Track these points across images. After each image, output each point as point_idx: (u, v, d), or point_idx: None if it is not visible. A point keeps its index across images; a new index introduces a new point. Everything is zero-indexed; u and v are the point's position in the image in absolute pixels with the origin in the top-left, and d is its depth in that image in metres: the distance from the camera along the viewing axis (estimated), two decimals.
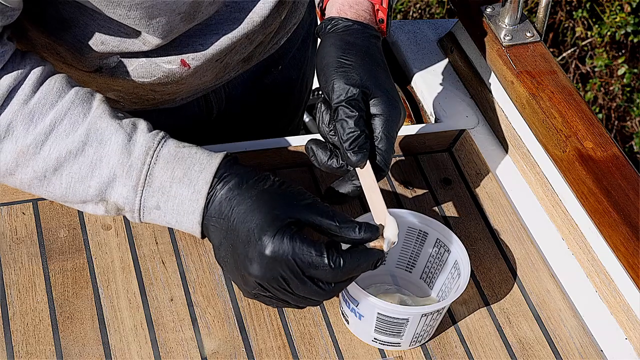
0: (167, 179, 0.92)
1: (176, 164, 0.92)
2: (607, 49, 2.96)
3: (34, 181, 0.94)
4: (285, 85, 1.32)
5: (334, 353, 0.99)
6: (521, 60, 1.22)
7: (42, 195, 0.97)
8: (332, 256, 0.87)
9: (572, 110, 1.15)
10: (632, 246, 1.02)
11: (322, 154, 0.95)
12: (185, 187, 0.92)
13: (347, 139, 0.92)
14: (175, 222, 0.93)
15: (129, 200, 0.93)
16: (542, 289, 1.08)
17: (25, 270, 1.03)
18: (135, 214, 0.94)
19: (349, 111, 0.92)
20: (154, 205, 0.93)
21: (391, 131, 0.94)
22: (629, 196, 1.06)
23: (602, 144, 1.11)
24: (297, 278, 0.87)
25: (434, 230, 1.03)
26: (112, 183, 0.93)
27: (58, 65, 1.07)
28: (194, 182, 0.91)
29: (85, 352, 0.96)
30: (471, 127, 1.27)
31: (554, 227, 1.16)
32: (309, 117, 2.44)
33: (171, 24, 0.98)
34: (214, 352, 0.98)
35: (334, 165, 0.95)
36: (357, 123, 0.92)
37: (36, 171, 0.93)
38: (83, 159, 0.93)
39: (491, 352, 1.01)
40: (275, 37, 1.20)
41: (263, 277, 0.88)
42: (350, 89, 0.93)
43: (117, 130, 0.93)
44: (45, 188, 0.95)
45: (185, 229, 0.93)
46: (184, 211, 0.92)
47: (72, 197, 0.95)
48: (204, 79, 1.13)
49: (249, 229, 0.88)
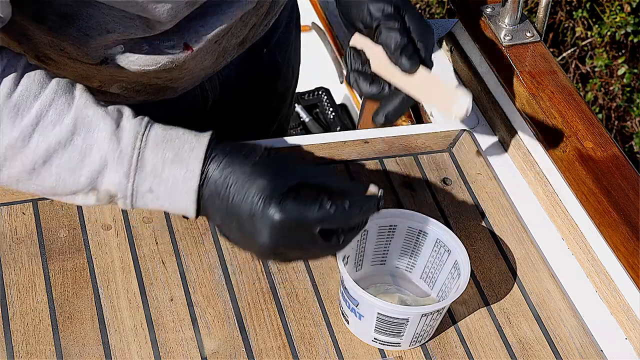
0: (158, 162, 0.92)
1: (166, 145, 0.92)
2: (607, 49, 2.96)
3: (22, 175, 0.93)
4: (271, 69, 1.34)
5: (334, 353, 0.99)
6: (521, 60, 1.22)
7: (29, 190, 0.95)
8: (336, 201, 0.89)
9: (572, 110, 1.15)
10: (632, 246, 1.02)
11: (363, 82, 1.02)
12: (177, 167, 0.91)
13: (397, 48, 1.00)
14: (168, 204, 0.93)
15: (121, 187, 0.92)
16: (542, 289, 1.08)
17: (25, 270, 1.03)
18: (128, 199, 0.93)
19: (391, 24, 1.01)
20: (146, 189, 0.92)
21: (429, 40, 1.04)
22: (629, 196, 1.06)
23: (602, 144, 1.11)
24: (309, 238, 0.90)
25: (434, 230, 1.03)
26: (103, 170, 0.92)
27: (62, 60, 1.07)
28: (186, 161, 0.91)
29: (85, 352, 0.96)
30: (471, 127, 1.27)
31: (554, 227, 1.16)
32: (309, 117, 2.44)
33: (176, 8, 0.99)
34: (214, 352, 0.98)
35: (374, 90, 1.02)
36: (401, 33, 1.01)
37: (25, 164, 0.92)
38: (72, 149, 0.92)
39: (491, 352, 1.01)
40: (266, 19, 1.23)
41: (276, 246, 0.89)
42: (386, 6, 1.02)
43: (104, 117, 0.92)
44: (34, 181, 0.93)
45: (179, 210, 0.93)
46: (177, 192, 0.92)
47: (61, 188, 0.93)
48: (205, 64, 1.14)
49: (252, 203, 0.89)
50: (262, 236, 0.89)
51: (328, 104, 2.45)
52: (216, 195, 0.91)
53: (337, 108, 2.44)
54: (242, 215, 0.89)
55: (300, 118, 2.46)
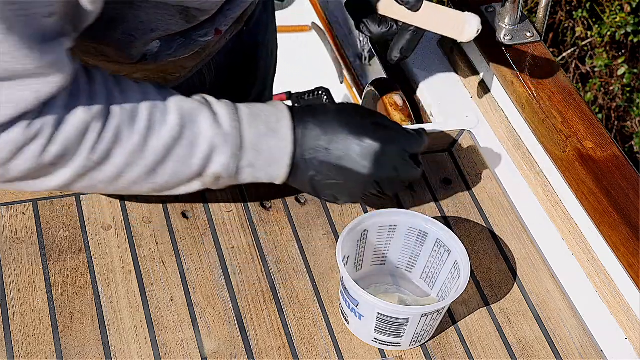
0: (254, 136, 1.00)
1: (255, 120, 1.00)
2: (607, 49, 2.96)
3: (142, 177, 0.97)
4: (252, 48, 1.35)
5: (334, 353, 0.99)
6: (521, 60, 1.22)
7: (141, 191, 1.00)
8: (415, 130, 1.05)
9: (572, 110, 1.15)
10: (632, 246, 1.02)
11: (372, 24, 1.10)
12: (271, 138, 1.00)
13: None
14: (264, 174, 1.01)
15: (229, 167, 1.00)
16: (542, 289, 1.08)
17: (25, 270, 1.03)
18: (232, 178, 1.01)
19: None
20: (247, 163, 1.00)
21: None
22: (629, 196, 1.06)
23: (602, 144, 1.11)
24: (403, 161, 1.02)
25: (434, 230, 1.03)
26: (212, 155, 0.99)
27: (101, 64, 1.08)
28: (277, 132, 1.00)
29: (85, 352, 0.96)
30: (471, 127, 1.27)
31: (554, 227, 1.16)
32: None
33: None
34: (214, 352, 0.98)
35: (384, 29, 1.10)
36: None
37: (147, 165, 0.97)
38: (184, 142, 0.97)
39: (491, 352, 1.01)
40: None
41: (376, 174, 1.01)
42: None
43: (199, 106, 0.99)
44: (150, 180, 0.98)
45: (270, 177, 1.02)
46: (274, 160, 1.01)
47: (173, 182, 1.00)
48: (221, 43, 1.17)
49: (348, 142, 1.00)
50: (364, 167, 1.01)
51: None
52: (315, 148, 1.01)
53: None
54: (341, 157, 1.01)
55: None
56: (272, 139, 1.00)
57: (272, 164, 1.01)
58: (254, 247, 1.08)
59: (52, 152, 0.91)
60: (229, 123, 0.99)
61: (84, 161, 0.94)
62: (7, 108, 0.87)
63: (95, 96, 0.94)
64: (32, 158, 0.91)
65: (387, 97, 1.36)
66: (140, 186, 0.99)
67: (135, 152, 0.96)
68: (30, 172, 0.93)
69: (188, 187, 1.01)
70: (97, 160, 0.94)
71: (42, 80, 0.88)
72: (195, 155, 0.98)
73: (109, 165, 0.95)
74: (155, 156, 0.97)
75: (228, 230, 1.09)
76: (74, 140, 0.92)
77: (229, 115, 1.00)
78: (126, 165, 0.96)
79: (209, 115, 0.99)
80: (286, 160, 1.01)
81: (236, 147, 0.99)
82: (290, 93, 2.48)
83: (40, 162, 0.92)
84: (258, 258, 1.07)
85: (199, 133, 0.98)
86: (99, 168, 0.95)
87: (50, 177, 0.95)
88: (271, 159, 1.01)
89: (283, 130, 1.01)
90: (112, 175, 0.97)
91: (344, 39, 2.40)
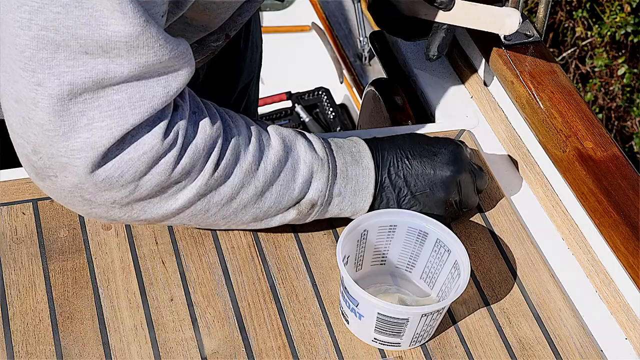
0: (343, 164, 1.02)
1: (340, 149, 1.03)
2: (607, 49, 2.96)
3: (252, 200, 0.97)
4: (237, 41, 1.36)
5: (334, 353, 0.99)
6: (521, 60, 1.22)
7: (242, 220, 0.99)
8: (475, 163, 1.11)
9: (572, 110, 1.15)
10: (632, 246, 1.02)
11: None
12: (356, 167, 1.03)
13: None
14: (349, 205, 1.03)
15: (322, 193, 1.01)
16: (542, 289, 1.08)
17: (25, 270, 1.03)
18: (323, 207, 1.02)
19: None
20: (337, 192, 1.02)
21: None
22: (629, 196, 1.06)
23: (602, 144, 1.11)
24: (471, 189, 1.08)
25: (434, 230, 1.03)
26: (310, 180, 1.00)
27: None
28: (360, 160, 1.03)
29: (85, 352, 0.96)
30: (471, 127, 1.27)
31: (554, 227, 1.16)
32: (309, 117, 2.44)
33: (233, 3, 1.02)
34: (214, 352, 0.98)
35: None
36: None
37: (257, 187, 0.96)
38: (287, 166, 0.98)
39: (491, 352, 1.01)
40: None
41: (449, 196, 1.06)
42: None
43: (294, 132, 1.01)
44: (259, 205, 0.98)
45: (356, 209, 1.04)
46: (360, 189, 1.03)
47: (275, 209, 0.99)
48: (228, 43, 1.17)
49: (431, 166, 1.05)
50: (439, 191, 1.05)
51: (328, 104, 2.45)
52: (396, 173, 1.04)
53: (337, 108, 2.44)
54: (424, 178, 1.05)
55: (300, 118, 2.46)
56: (357, 168, 1.03)
57: (358, 192, 1.03)
58: (254, 247, 1.08)
59: (181, 166, 0.90)
60: (322, 150, 1.01)
61: (207, 179, 0.92)
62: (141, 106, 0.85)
63: (215, 114, 0.94)
64: (165, 171, 0.89)
65: (387, 97, 1.36)
66: (244, 212, 0.98)
67: (250, 173, 0.95)
68: (158, 190, 0.90)
69: (283, 217, 1.01)
70: (218, 178, 0.93)
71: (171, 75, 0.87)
72: (296, 179, 0.99)
73: (227, 185, 0.94)
74: (265, 178, 0.96)
75: (228, 230, 1.09)
76: (201, 154, 0.91)
77: (321, 143, 1.02)
78: (241, 186, 0.95)
79: (304, 141, 1.00)
80: (370, 188, 1.03)
81: (331, 173, 1.01)
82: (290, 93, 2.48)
83: (170, 176, 0.90)
84: (258, 258, 1.07)
85: (299, 157, 0.99)
86: (218, 188, 0.94)
87: (174, 197, 0.92)
88: (357, 187, 1.03)
89: (365, 160, 1.03)
90: (227, 197, 0.95)
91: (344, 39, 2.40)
